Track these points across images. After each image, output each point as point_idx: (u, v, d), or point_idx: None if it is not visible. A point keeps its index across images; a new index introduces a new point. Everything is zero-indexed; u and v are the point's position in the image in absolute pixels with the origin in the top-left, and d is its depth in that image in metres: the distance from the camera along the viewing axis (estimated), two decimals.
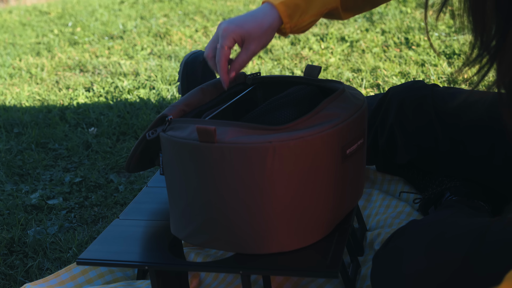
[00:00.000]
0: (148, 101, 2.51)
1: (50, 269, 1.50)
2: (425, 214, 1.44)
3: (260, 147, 0.96)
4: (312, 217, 1.03)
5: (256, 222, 1.01)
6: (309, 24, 1.21)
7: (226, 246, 1.06)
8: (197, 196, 1.03)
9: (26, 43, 3.78)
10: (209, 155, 0.98)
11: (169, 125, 1.08)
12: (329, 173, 1.02)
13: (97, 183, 1.91)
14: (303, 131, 0.98)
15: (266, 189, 0.98)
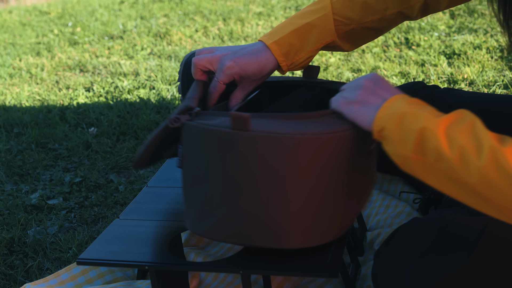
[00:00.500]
0: (148, 101, 2.51)
1: (50, 269, 1.50)
2: (425, 214, 1.44)
3: (294, 138, 0.95)
4: (332, 213, 1.02)
5: (282, 215, 0.99)
6: (306, 60, 1.19)
7: (247, 240, 1.02)
8: (220, 188, 1.00)
9: (26, 43, 3.78)
10: (240, 144, 0.96)
11: (196, 116, 1.05)
12: (352, 171, 1.02)
13: (97, 183, 1.91)
14: (334, 126, 0.98)
15: (295, 181, 0.97)
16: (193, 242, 1.48)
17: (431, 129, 0.86)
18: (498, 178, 0.79)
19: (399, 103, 0.92)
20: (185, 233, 1.48)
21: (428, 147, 0.86)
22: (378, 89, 0.96)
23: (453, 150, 0.83)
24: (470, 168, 0.82)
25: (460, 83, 2.25)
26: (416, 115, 0.88)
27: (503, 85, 2.17)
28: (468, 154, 0.82)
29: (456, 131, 0.85)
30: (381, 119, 0.92)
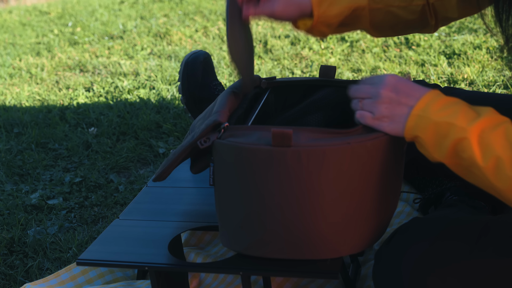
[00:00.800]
0: (148, 101, 2.51)
1: (50, 269, 1.50)
2: (425, 214, 1.44)
3: (339, 149, 0.95)
4: (372, 221, 1.03)
5: (328, 226, 0.99)
6: (337, 17, 1.21)
7: (289, 253, 1.02)
8: (259, 205, 0.99)
9: (26, 43, 3.78)
10: (283, 160, 0.95)
11: (224, 132, 1.03)
12: (388, 177, 1.02)
13: (97, 183, 1.91)
14: (371, 132, 0.98)
15: (343, 191, 0.97)
16: (193, 242, 1.48)
17: (465, 140, 0.89)
18: None
19: (428, 110, 0.93)
20: (185, 233, 1.48)
21: (462, 156, 0.90)
22: (401, 97, 0.96)
23: (486, 160, 0.87)
24: (501, 177, 0.86)
25: (460, 83, 2.25)
26: (449, 124, 0.90)
27: (503, 85, 2.17)
28: (503, 164, 0.86)
29: (489, 139, 0.88)
30: (411, 129, 0.94)
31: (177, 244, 1.25)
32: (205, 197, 1.35)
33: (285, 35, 3.10)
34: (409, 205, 1.48)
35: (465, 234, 0.95)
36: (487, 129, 0.88)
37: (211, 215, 1.27)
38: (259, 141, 0.97)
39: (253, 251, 1.03)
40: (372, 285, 1.25)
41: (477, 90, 2.18)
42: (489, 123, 0.89)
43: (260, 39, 3.09)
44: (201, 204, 1.32)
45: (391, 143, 0.99)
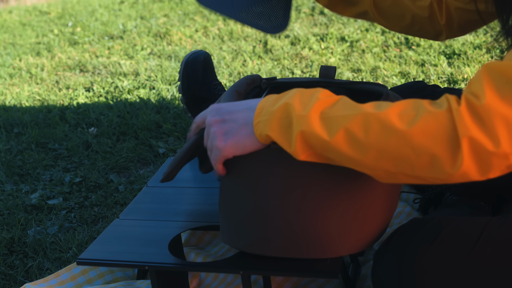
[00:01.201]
0: (148, 101, 2.51)
1: (50, 269, 1.50)
2: (425, 214, 1.44)
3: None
4: (373, 222, 1.03)
5: (329, 225, 0.99)
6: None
7: (289, 252, 1.01)
8: (264, 202, 0.99)
9: (26, 43, 3.78)
10: (287, 158, 0.95)
11: None
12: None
13: (97, 183, 1.91)
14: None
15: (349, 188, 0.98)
16: (193, 242, 1.48)
17: (307, 124, 0.87)
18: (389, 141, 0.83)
19: (264, 113, 0.92)
20: (185, 233, 1.48)
21: (311, 143, 0.88)
22: (225, 115, 0.96)
23: (332, 134, 0.86)
24: (355, 145, 0.85)
25: (460, 83, 2.25)
26: (287, 105, 0.89)
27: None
28: (353, 133, 0.85)
29: (330, 115, 0.87)
30: (260, 135, 0.92)
31: (177, 244, 1.25)
32: (205, 197, 1.35)
33: (285, 35, 3.10)
34: (409, 205, 1.48)
35: (465, 236, 0.95)
36: (327, 109, 0.88)
37: (211, 215, 1.27)
38: None
39: (254, 249, 1.03)
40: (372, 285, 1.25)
41: None
42: (326, 103, 0.88)
43: (260, 39, 3.09)
44: (201, 204, 1.32)
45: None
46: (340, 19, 3.20)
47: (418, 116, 0.82)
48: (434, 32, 1.29)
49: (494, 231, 0.95)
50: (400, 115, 0.83)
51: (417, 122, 0.82)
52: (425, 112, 0.82)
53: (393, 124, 0.83)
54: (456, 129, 0.81)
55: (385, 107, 0.85)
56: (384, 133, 0.83)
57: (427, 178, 0.85)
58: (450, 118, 0.81)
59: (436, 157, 0.82)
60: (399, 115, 0.83)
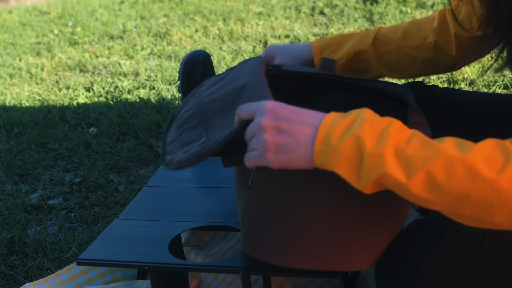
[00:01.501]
0: (148, 101, 2.51)
1: (50, 269, 1.50)
2: (425, 214, 1.44)
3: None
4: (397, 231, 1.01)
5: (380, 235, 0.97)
6: (338, 61, 1.27)
7: (325, 265, 0.98)
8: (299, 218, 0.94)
9: (26, 43, 3.78)
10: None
11: None
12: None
13: (97, 183, 1.91)
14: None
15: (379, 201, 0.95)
16: (193, 242, 1.48)
17: (379, 162, 0.80)
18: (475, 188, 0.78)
19: (330, 143, 0.84)
20: (185, 233, 1.48)
21: (384, 183, 0.83)
22: (282, 124, 0.87)
23: (409, 176, 0.80)
24: (435, 189, 0.79)
25: (460, 83, 2.25)
26: (359, 149, 0.82)
27: (503, 85, 2.17)
28: (433, 176, 0.79)
29: (407, 154, 0.80)
30: (322, 166, 0.85)
31: (177, 244, 1.25)
32: (205, 197, 1.35)
33: (285, 35, 3.10)
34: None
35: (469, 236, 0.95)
36: (402, 145, 0.81)
37: (211, 215, 1.27)
38: None
39: (281, 261, 0.98)
40: (372, 285, 1.25)
41: (477, 90, 2.18)
42: (400, 139, 0.82)
43: (260, 39, 3.09)
44: (201, 204, 1.32)
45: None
46: (340, 19, 3.20)
47: (507, 162, 0.77)
48: (446, 66, 1.30)
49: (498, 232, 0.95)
50: (487, 160, 0.77)
51: (506, 169, 0.76)
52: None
53: (480, 171, 0.77)
54: None
55: (468, 148, 0.79)
56: (469, 179, 0.77)
57: (503, 226, 0.80)
58: None
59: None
60: (486, 160, 0.77)
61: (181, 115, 1.08)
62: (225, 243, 1.45)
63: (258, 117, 0.88)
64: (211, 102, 1.04)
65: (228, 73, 1.13)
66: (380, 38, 1.27)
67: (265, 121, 0.86)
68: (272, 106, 0.88)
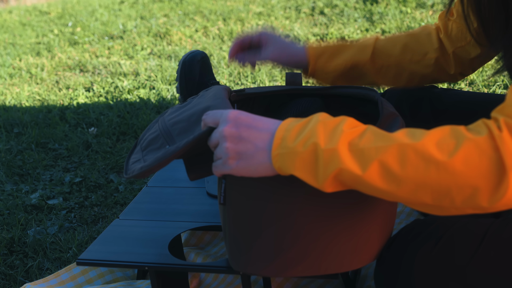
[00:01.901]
0: (148, 101, 2.51)
1: (50, 269, 1.50)
2: (425, 214, 1.44)
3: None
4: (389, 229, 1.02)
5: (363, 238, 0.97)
6: (333, 72, 1.25)
7: (311, 270, 0.98)
8: (289, 221, 0.94)
9: (26, 43, 3.78)
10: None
11: None
12: None
13: (97, 183, 1.91)
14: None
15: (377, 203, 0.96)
16: (193, 242, 1.48)
17: (335, 158, 0.81)
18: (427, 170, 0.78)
19: (286, 145, 0.85)
20: (185, 233, 1.48)
21: (341, 176, 0.83)
22: (242, 132, 0.88)
23: (364, 167, 0.80)
24: (390, 179, 0.80)
25: (460, 83, 2.25)
26: (313, 152, 0.83)
27: (503, 85, 2.17)
28: (387, 166, 0.79)
29: (360, 148, 0.81)
30: (281, 170, 0.86)
31: (177, 244, 1.26)
32: (205, 197, 1.35)
33: (285, 35, 3.10)
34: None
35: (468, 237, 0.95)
36: (355, 140, 0.82)
37: (211, 215, 1.27)
38: None
39: (273, 272, 0.98)
40: (372, 285, 1.25)
41: (476, 91, 2.18)
42: (353, 134, 0.82)
43: None
44: (201, 204, 1.32)
45: None
46: (340, 19, 3.20)
47: (459, 144, 0.77)
48: (446, 78, 1.29)
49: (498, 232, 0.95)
50: (438, 144, 0.78)
51: (458, 151, 0.77)
52: (466, 140, 0.77)
53: (432, 155, 0.77)
54: (502, 158, 0.76)
55: (420, 136, 0.80)
56: (422, 165, 0.78)
57: (464, 209, 0.80)
58: (493, 146, 0.76)
59: (478, 189, 0.77)
60: (438, 145, 0.78)
61: (145, 139, 1.09)
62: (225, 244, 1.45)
63: (221, 126, 0.90)
64: (175, 123, 1.06)
65: (191, 101, 1.15)
66: (378, 51, 1.25)
67: (227, 129, 0.89)
68: (235, 114, 0.90)
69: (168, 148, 0.97)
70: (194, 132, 1.00)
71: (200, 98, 1.13)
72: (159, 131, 1.07)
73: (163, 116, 1.13)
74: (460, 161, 0.77)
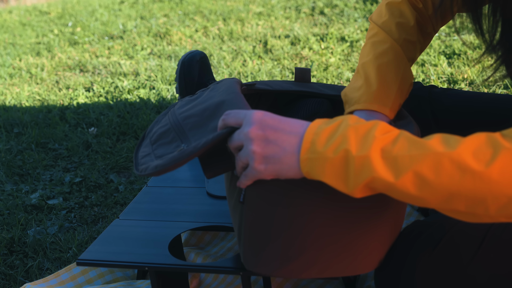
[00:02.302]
0: (148, 101, 2.51)
1: (50, 269, 1.50)
2: (425, 214, 1.44)
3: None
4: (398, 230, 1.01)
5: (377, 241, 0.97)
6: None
7: (328, 272, 0.97)
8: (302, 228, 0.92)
9: (26, 43, 3.78)
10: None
11: None
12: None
13: (97, 183, 1.91)
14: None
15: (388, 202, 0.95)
16: (193, 242, 1.48)
17: (367, 166, 0.79)
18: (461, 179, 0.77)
19: (316, 150, 0.83)
20: (185, 233, 1.48)
21: (372, 184, 0.82)
22: (269, 134, 0.86)
23: (397, 176, 0.79)
24: (424, 187, 0.79)
25: (460, 83, 2.25)
26: (345, 159, 0.81)
27: (503, 85, 2.17)
28: (422, 175, 0.78)
29: (393, 155, 0.79)
30: (309, 175, 0.84)
31: (177, 244, 1.26)
32: (205, 197, 1.35)
33: (285, 35, 3.10)
34: (409, 205, 1.48)
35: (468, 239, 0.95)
36: (388, 146, 0.80)
37: (211, 215, 1.27)
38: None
39: (288, 273, 0.97)
40: (372, 285, 1.25)
41: (476, 91, 2.18)
42: (386, 140, 0.81)
43: (260, 39, 3.09)
44: (201, 204, 1.32)
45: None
46: (340, 19, 3.21)
47: (496, 154, 0.76)
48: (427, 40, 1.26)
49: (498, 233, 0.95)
50: (475, 153, 0.77)
51: (495, 161, 0.76)
52: (503, 149, 0.76)
53: (469, 165, 0.76)
54: None
55: (455, 144, 0.79)
56: (458, 174, 0.77)
57: (498, 217, 0.79)
58: None
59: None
60: (474, 154, 0.77)
61: (154, 132, 1.06)
62: (225, 243, 1.45)
63: (246, 127, 0.87)
64: (187, 118, 1.03)
65: (202, 94, 1.12)
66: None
67: (253, 131, 0.86)
68: (260, 116, 0.87)
69: (185, 148, 0.93)
70: (207, 128, 0.97)
71: (212, 92, 1.09)
72: (170, 125, 1.04)
73: (173, 109, 1.10)
74: (496, 171, 0.76)
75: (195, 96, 1.12)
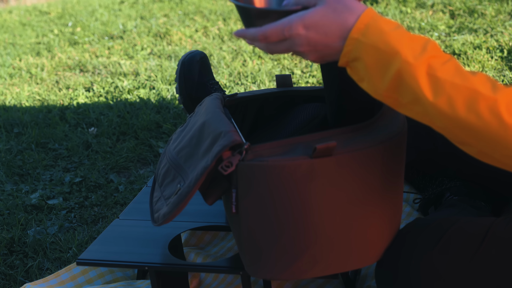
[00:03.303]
0: (148, 101, 2.51)
1: (50, 269, 1.50)
2: (425, 214, 1.44)
3: (379, 148, 0.94)
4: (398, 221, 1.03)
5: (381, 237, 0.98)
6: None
7: (331, 269, 0.98)
8: (303, 223, 0.93)
9: (26, 43, 3.78)
10: (326, 169, 0.92)
11: (247, 153, 0.94)
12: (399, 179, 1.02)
13: (97, 183, 1.91)
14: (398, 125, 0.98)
15: (383, 193, 0.97)
16: (193, 242, 1.48)
17: (410, 71, 0.81)
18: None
19: (368, 33, 0.83)
20: (185, 233, 1.48)
21: (403, 89, 0.82)
22: (320, 49, 0.86)
23: (436, 96, 0.81)
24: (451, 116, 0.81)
25: None
26: (394, 53, 0.81)
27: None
28: (454, 104, 0.80)
29: (438, 75, 0.81)
30: (349, 53, 0.84)
31: (177, 244, 1.26)
32: None
33: None
34: (409, 205, 1.48)
35: (469, 237, 0.95)
36: (436, 65, 0.81)
37: (211, 215, 1.27)
38: (293, 154, 0.93)
39: (293, 275, 0.98)
40: (372, 285, 1.25)
41: None
42: (436, 58, 0.82)
43: None
44: (201, 204, 1.32)
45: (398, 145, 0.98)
46: None
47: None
48: None
49: (498, 232, 0.95)
50: (508, 106, 0.80)
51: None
52: None
53: (501, 114, 0.79)
54: None
55: (495, 89, 0.81)
56: (487, 118, 0.80)
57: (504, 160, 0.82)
58: None
59: None
60: (507, 106, 0.80)
61: (158, 174, 1.10)
62: (225, 243, 1.45)
63: (294, 38, 0.85)
64: (179, 151, 1.06)
65: (189, 120, 1.14)
66: None
67: (300, 46, 0.85)
68: (303, 32, 0.85)
69: (182, 189, 0.97)
70: (198, 155, 1.00)
71: (196, 116, 1.12)
72: (168, 164, 1.07)
73: (168, 146, 1.14)
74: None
75: (184, 125, 1.15)
